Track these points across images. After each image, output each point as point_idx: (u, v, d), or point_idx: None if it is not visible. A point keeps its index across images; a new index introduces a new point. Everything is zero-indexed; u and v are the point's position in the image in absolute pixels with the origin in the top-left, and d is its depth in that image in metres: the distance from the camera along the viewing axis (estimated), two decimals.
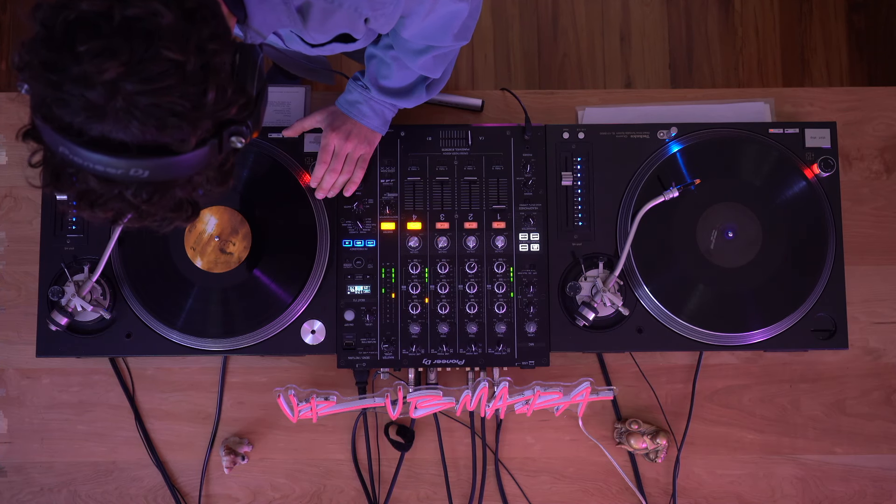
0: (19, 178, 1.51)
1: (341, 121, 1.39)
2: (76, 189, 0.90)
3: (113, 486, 1.45)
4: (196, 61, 0.85)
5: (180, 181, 0.91)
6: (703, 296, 1.40)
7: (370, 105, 1.37)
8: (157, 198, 0.91)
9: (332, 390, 1.34)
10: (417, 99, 1.37)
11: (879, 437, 1.47)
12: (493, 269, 1.41)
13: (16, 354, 1.47)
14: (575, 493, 1.45)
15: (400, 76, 1.33)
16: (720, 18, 2.50)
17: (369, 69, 1.36)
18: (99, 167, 0.86)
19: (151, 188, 0.89)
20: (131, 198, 0.90)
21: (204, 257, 1.40)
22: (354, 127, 1.38)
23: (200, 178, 0.93)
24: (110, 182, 0.88)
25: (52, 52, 0.83)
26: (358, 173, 1.41)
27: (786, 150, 1.44)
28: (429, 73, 1.32)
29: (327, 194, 1.41)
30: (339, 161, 1.39)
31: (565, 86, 2.45)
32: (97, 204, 0.91)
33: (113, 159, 0.86)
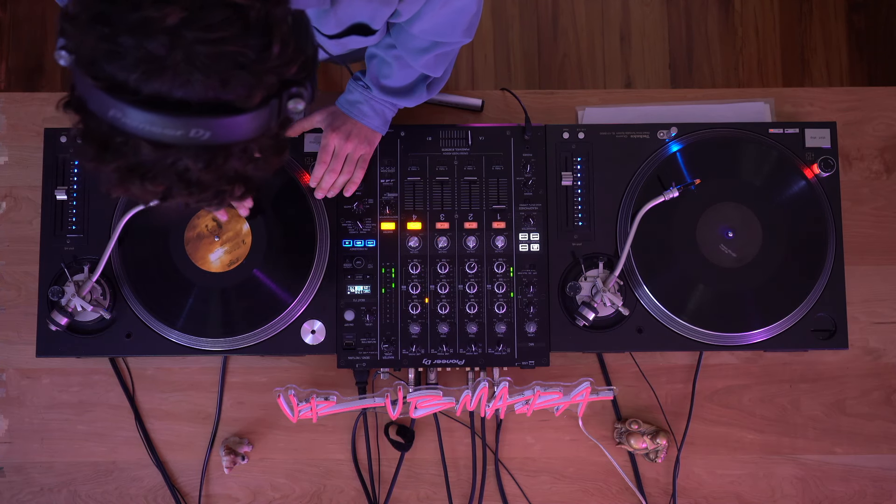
0: (19, 178, 1.51)
1: (341, 121, 1.39)
2: (126, 161, 0.83)
3: (113, 486, 1.45)
4: (259, 8, 0.79)
5: (238, 148, 0.85)
6: (703, 296, 1.40)
7: (371, 105, 1.37)
8: (213, 166, 0.84)
9: (332, 390, 1.34)
10: (418, 98, 1.37)
11: (879, 437, 1.47)
12: (493, 269, 1.41)
13: (16, 354, 1.47)
14: (575, 493, 1.45)
15: (401, 75, 1.33)
16: (720, 18, 2.50)
17: (370, 69, 1.36)
18: (156, 129, 0.80)
19: (209, 154, 0.83)
20: (190, 163, 0.83)
21: (204, 257, 1.40)
22: (355, 127, 1.38)
23: (256, 145, 0.87)
24: (166, 148, 0.81)
25: (106, 2, 0.77)
26: (358, 173, 1.40)
27: (786, 150, 1.44)
28: (430, 71, 1.32)
29: (327, 194, 1.41)
30: (338, 161, 1.39)
31: (565, 86, 2.45)
32: (148, 176, 0.83)
33: (172, 119, 0.79)
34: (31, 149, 1.51)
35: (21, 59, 2.48)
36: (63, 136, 1.43)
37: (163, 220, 1.41)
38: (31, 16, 2.49)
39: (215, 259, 1.40)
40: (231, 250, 1.40)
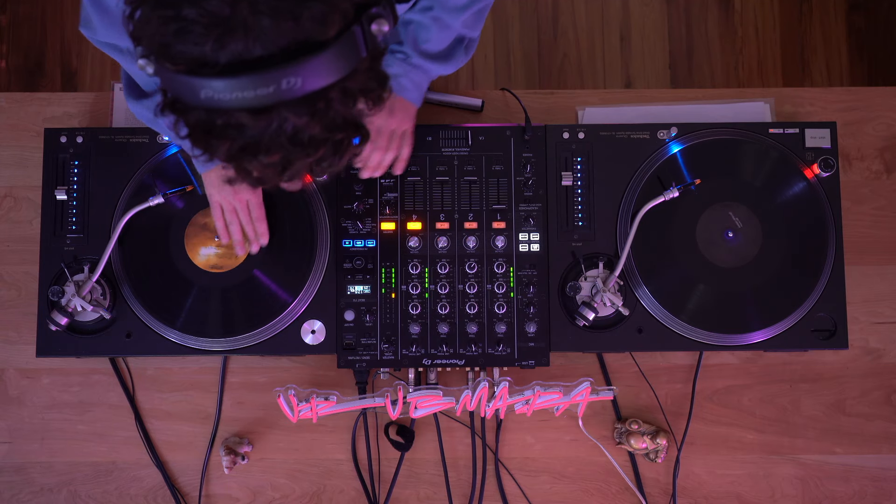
0: (19, 178, 1.51)
1: None
2: (234, 141, 0.82)
3: (113, 486, 1.45)
4: None
5: (336, 92, 0.82)
6: (703, 296, 1.40)
7: (410, 78, 1.35)
8: (318, 116, 0.82)
9: (332, 390, 1.34)
10: (456, 62, 1.35)
11: (879, 437, 1.47)
12: (493, 269, 1.41)
13: (16, 354, 1.47)
14: (575, 493, 1.45)
15: (440, 38, 1.31)
16: (720, 18, 2.50)
17: (408, 36, 1.33)
18: (248, 94, 0.78)
19: (309, 105, 0.81)
20: (293, 119, 0.81)
21: (195, 246, 1.40)
22: (396, 101, 1.36)
23: (355, 84, 0.84)
24: (266, 113, 0.80)
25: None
26: (405, 150, 1.39)
27: (786, 150, 1.44)
28: (469, 30, 1.31)
29: (374, 174, 1.39)
30: (384, 138, 1.36)
31: (565, 86, 2.45)
32: (261, 149, 0.82)
33: (260, 76, 0.78)
34: (31, 149, 1.51)
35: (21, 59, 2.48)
36: (63, 136, 1.43)
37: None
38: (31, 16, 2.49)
39: (204, 254, 1.40)
40: (222, 255, 1.40)
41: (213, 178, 1.36)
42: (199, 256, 1.40)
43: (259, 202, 1.38)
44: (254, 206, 1.37)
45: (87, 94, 1.55)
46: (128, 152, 1.43)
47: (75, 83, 2.48)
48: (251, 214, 1.38)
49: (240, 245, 1.39)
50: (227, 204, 1.37)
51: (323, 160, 0.86)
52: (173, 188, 1.40)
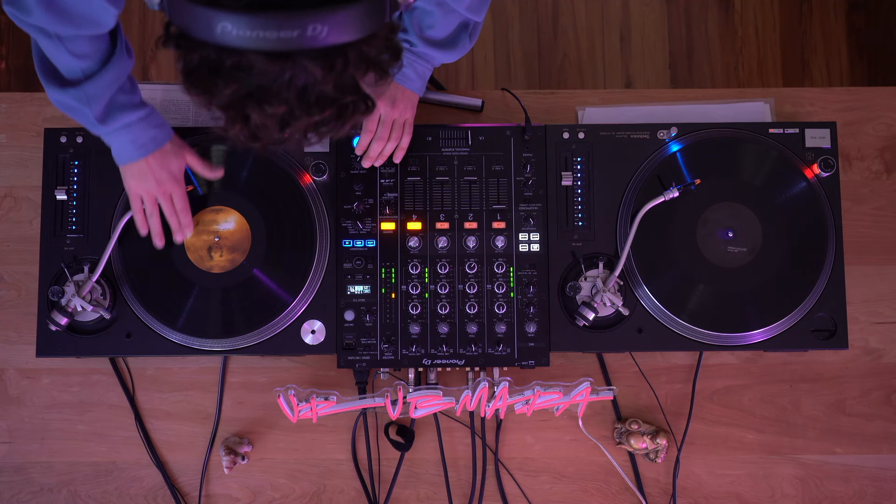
0: (19, 178, 1.51)
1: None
2: (240, 85, 0.78)
3: (113, 486, 1.45)
4: None
5: (354, 53, 0.80)
6: (703, 296, 1.40)
7: (414, 67, 1.35)
8: (333, 73, 0.79)
9: (332, 390, 1.34)
10: (461, 49, 1.35)
11: (879, 437, 1.47)
12: (493, 269, 1.41)
13: (16, 354, 1.47)
14: (575, 493, 1.45)
15: (444, 23, 1.32)
16: (720, 18, 2.50)
17: (412, 24, 1.33)
18: (270, 34, 0.75)
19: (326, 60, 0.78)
20: (308, 66, 0.78)
21: (218, 261, 1.40)
22: (398, 91, 1.36)
23: (372, 49, 0.82)
24: (282, 59, 0.77)
25: None
26: (405, 139, 1.39)
27: (786, 150, 1.44)
28: (474, 14, 1.31)
29: (374, 163, 1.40)
30: (386, 128, 1.37)
31: (565, 86, 2.45)
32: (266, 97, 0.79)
33: (287, 17, 0.75)
34: (31, 149, 1.51)
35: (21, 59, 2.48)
36: (63, 136, 1.43)
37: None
38: None
39: (215, 259, 1.40)
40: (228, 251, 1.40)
41: (136, 171, 1.34)
42: (207, 262, 1.40)
43: (183, 193, 1.37)
44: (178, 197, 1.36)
45: None
46: None
47: None
48: (175, 205, 1.36)
49: (159, 236, 1.37)
50: (149, 196, 1.35)
51: (325, 124, 0.84)
52: None
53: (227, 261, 1.40)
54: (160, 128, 1.34)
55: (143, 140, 1.31)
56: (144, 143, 1.32)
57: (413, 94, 1.38)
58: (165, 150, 1.34)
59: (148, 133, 1.31)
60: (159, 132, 1.33)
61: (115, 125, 1.29)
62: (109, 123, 1.29)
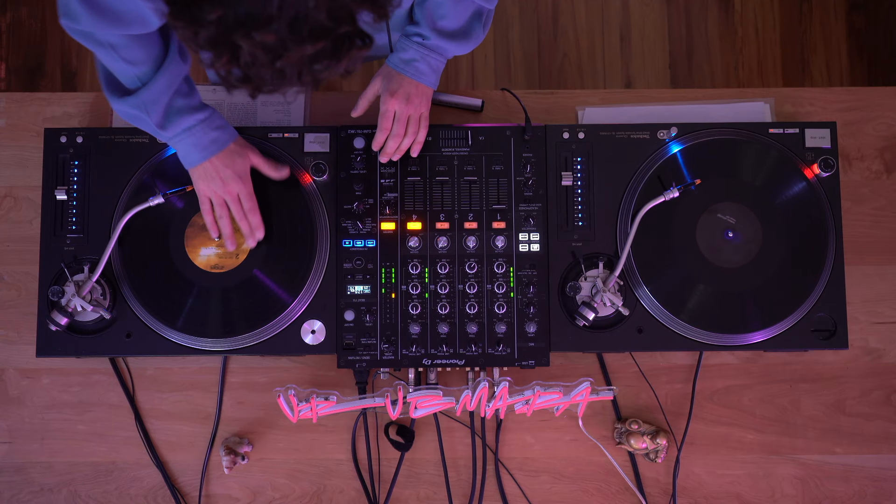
0: (19, 178, 1.51)
1: (397, 83, 1.36)
2: (228, 12, 0.75)
3: (113, 486, 1.45)
4: None
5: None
6: (703, 296, 1.40)
7: (427, 62, 1.35)
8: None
9: (332, 390, 1.34)
10: (475, 39, 1.35)
11: (879, 437, 1.47)
12: (493, 269, 1.41)
13: (16, 354, 1.47)
14: (575, 493, 1.45)
15: (456, 13, 1.32)
16: (720, 18, 2.50)
17: (424, 16, 1.33)
18: None
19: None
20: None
21: (196, 247, 1.40)
22: (412, 87, 1.36)
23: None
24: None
25: None
26: (421, 133, 1.40)
27: (786, 150, 1.44)
28: (486, 1, 1.31)
29: (392, 157, 1.40)
30: (401, 125, 1.37)
31: (565, 86, 2.45)
32: (257, 24, 0.76)
33: None
34: (31, 149, 1.51)
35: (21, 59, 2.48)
36: (63, 136, 1.43)
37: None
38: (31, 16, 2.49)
39: (204, 254, 1.40)
40: (222, 255, 1.40)
41: (201, 172, 1.35)
42: (200, 257, 1.40)
43: (250, 193, 1.37)
44: (244, 196, 1.36)
45: (87, 94, 1.55)
46: (128, 152, 1.43)
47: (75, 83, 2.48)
48: (243, 206, 1.37)
49: (230, 240, 1.38)
50: (217, 197, 1.36)
51: (319, 59, 0.81)
52: (173, 188, 1.40)
53: (220, 262, 1.40)
54: (221, 129, 1.34)
55: (204, 142, 1.32)
56: (206, 145, 1.32)
57: (427, 88, 1.38)
58: (229, 151, 1.34)
59: (209, 135, 1.32)
60: (221, 133, 1.34)
61: (175, 130, 1.30)
62: (169, 128, 1.30)
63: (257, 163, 1.38)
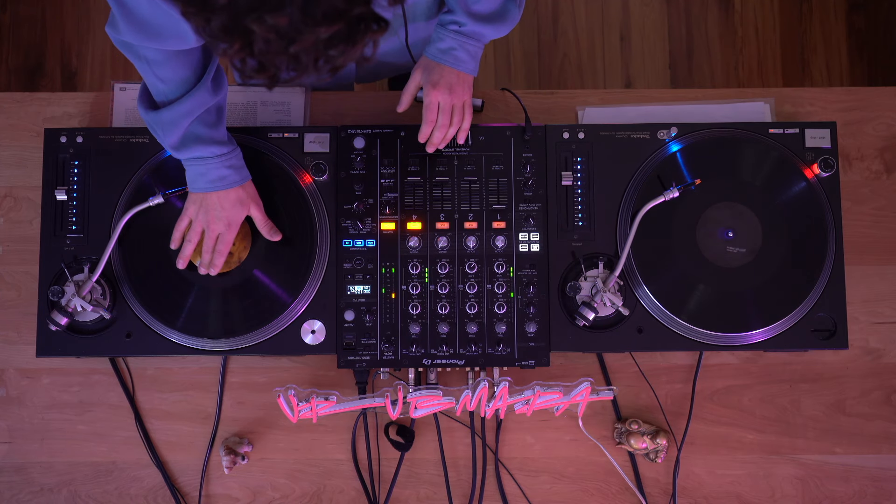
0: (19, 178, 1.51)
1: (438, 73, 1.34)
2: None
3: (113, 486, 1.45)
4: None
5: None
6: (703, 296, 1.40)
7: (465, 49, 1.33)
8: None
9: (332, 390, 1.34)
10: (511, 21, 1.34)
11: (879, 437, 1.47)
12: (493, 269, 1.41)
13: (16, 354, 1.47)
14: (575, 493, 1.45)
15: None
16: (720, 18, 2.50)
17: (458, 2, 1.31)
18: None
19: None
20: None
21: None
22: (453, 76, 1.35)
23: None
24: None
25: None
26: (466, 120, 1.39)
27: (786, 150, 1.44)
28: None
29: (438, 147, 1.40)
30: (446, 115, 1.36)
31: (565, 86, 2.45)
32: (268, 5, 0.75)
33: None
34: (31, 149, 1.51)
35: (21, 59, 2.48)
36: (63, 136, 1.43)
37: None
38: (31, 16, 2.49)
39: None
40: (231, 250, 1.40)
41: (198, 199, 1.35)
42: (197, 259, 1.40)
43: (229, 240, 1.37)
44: (222, 241, 1.37)
45: (87, 94, 1.55)
46: (128, 152, 1.43)
47: (75, 83, 2.48)
48: (216, 246, 1.37)
49: (183, 260, 1.38)
50: (198, 226, 1.36)
51: (334, 44, 0.79)
52: (173, 188, 1.40)
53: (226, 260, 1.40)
54: (235, 170, 1.34)
55: (212, 176, 1.32)
56: (213, 179, 1.33)
57: (468, 76, 1.36)
58: (235, 196, 1.35)
59: (219, 171, 1.32)
60: (233, 174, 1.34)
61: (188, 154, 1.31)
62: (183, 151, 1.31)
63: (256, 217, 1.38)
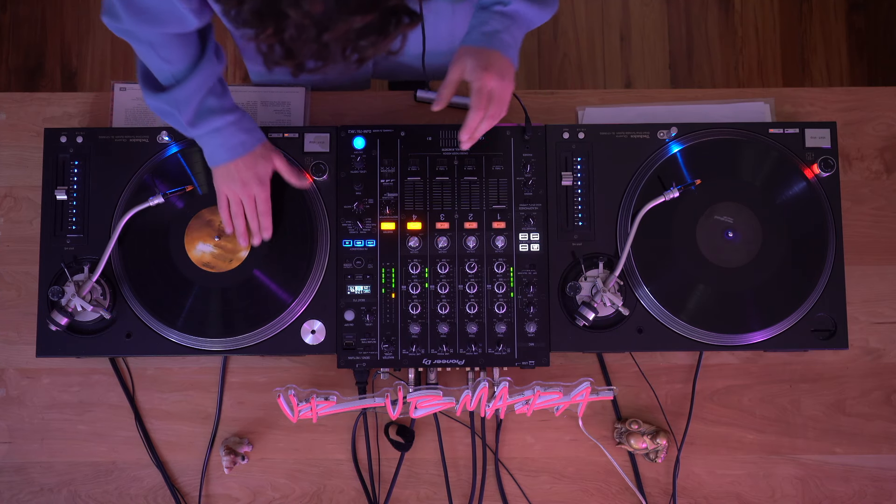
0: (19, 178, 1.51)
1: (486, 58, 1.23)
2: None
3: (113, 486, 1.45)
4: None
5: None
6: (703, 296, 1.40)
7: (510, 32, 1.26)
8: None
9: (332, 390, 1.34)
10: (553, 4, 1.30)
11: (879, 437, 1.47)
12: (493, 269, 1.41)
13: (16, 354, 1.47)
14: (575, 493, 1.45)
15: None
16: (720, 18, 2.50)
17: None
18: None
19: None
20: None
21: (193, 241, 1.40)
22: (502, 62, 1.25)
23: None
24: None
25: None
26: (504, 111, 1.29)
27: (786, 150, 1.44)
28: None
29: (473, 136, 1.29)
30: (500, 105, 1.24)
31: (565, 86, 2.45)
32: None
33: None
34: (31, 149, 1.51)
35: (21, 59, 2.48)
36: (63, 136, 1.43)
37: None
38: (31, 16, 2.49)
39: (199, 250, 1.40)
40: (218, 256, 1.40)
41: (224, 172, 1.36)
42: (195, 251, 1.40)
43: (266, 197, 1.38)
44: (261, 200, 1.38)
45: (87, 94, 1.55)
46: (128, 152, 1.43)
47: (75, 83, 2.48)
48: (258, 208, 1.38)
49: (243, 236, 1.39)
50: (235, 196, 1.37)
51: (366, 34, 0.80)
52: (173, 188, 1.40)
53: (212, 262, 1.40)
54: (250, 132, 1.35)
55: (231, 143, 1.33)
56: (233, 146, 1.33)
57: (513, 65, 1.26)
58: (255, 154, 1.35)
59: (237, 137, 1.33)
60: (249, 136, 1.35)
61: (204, 129, 1.31)
62: (199, 126, 1.31)
63: (280, 168, 1.39)
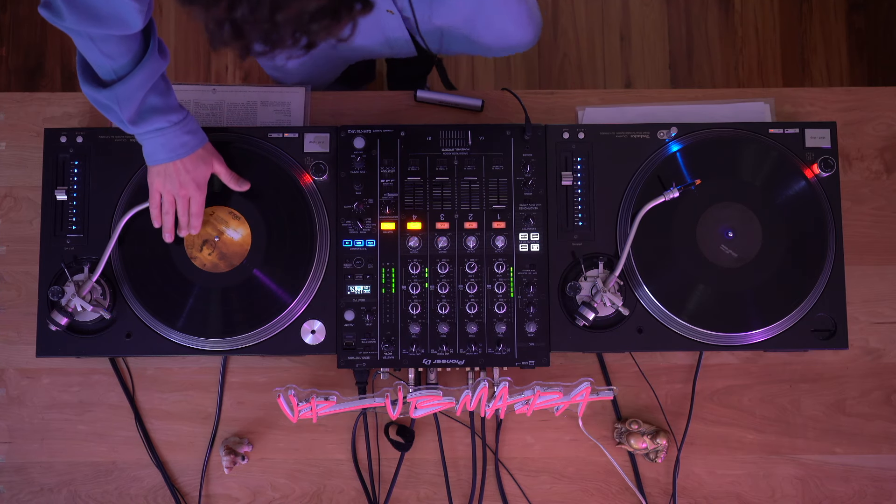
0: (19, 178, 1.51)
1: None
2: None
3: (113, 486, 1.45)
4: None
5: None
6: (703, 296, 1.40)
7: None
8: None
9: (332, 390, 1.34)
10: None
11: (879, 437, 1.47)
12: (493, 269, 1.41)
13: (16, 354, 1.47)
14: (575, 493, 1.45)
15: None
16: (720, 18, 2.50)
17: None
18: None
19: None
20: None
21: (204, 257, 1.40)
22: None
23: None
24: None
25: None
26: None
27: (786, 150, 1.44)
28: None
29: None
30: None
31: (565, 86, 2.45)
32: None
33: None
34: (31, 149, 1.51)
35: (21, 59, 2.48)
36: (63, 136, 1.43)
37: None
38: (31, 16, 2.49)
39: (215, 259, 1.40)
40: (231, 250, 1.40)
41: (162, 170, 1.34)
42: (195, 251, 1.40)
43: (202, 200, 1.37)
44: (195, 202, 1.36)
45: None
46: (128, 152, 1.43)
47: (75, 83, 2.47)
48: (190, 209, 1.37)
49: (170, 232, 1.38)
50: (168, 195, 1.35)
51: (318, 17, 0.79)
52: None
53: (212, 262, 1.40)
54: (193, 134, 1.34)
55: (173, 144, 1.32)
56: (175, 147, 1.32)
57: None
58: (196, 156, 1.34)
59: (180, 138, 1.32)
60: (192, 138, 1.33)
61: (146, 128, 1.29)
62: (141, 125, 1.29)
63: (220, 171, 1.38)
